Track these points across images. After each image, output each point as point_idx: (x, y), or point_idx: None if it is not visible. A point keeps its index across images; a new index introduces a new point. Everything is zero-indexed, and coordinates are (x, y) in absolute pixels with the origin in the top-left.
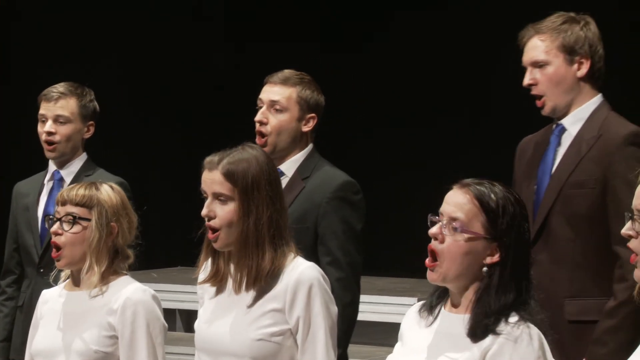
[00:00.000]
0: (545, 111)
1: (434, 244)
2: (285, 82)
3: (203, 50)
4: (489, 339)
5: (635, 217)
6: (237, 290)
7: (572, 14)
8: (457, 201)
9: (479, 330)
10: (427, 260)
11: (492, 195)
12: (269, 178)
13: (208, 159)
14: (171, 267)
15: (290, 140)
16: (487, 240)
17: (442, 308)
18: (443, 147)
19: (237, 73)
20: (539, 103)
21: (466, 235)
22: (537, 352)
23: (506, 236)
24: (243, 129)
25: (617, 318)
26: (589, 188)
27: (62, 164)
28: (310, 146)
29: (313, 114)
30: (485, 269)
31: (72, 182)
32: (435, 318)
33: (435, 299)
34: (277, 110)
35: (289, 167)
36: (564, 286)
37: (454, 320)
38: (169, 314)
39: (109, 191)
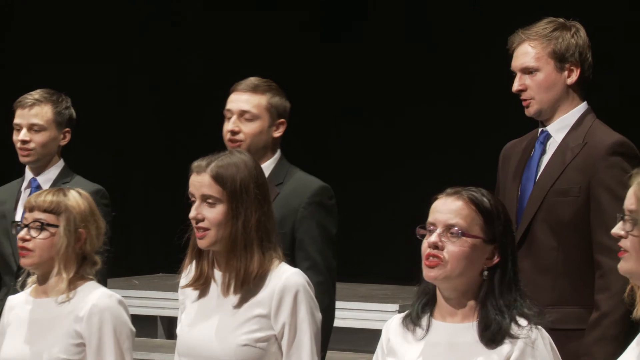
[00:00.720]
0: (530, 112)
1: (435, 251)
2: (254, 90)
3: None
4: (507, 344)
5: (626, 217)
6: (225, 292)
7: (562, 20)
8: (451, 208)
9: (495, 334)
10: (428, 260)
11: (485, 199)
12: (257, 182)
13: (196, 163)
14: (152, 274)
15: (262, 146)
16: (486, 243)
17: (432, 319)
18: (423, 149)
19: (215, 82)
20: (524, 103)
21: (469, 240)
22: (551, 355)
23: (503, 238)
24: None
25: (601, 328)
26: (573, 196)
27: (38, 170)
28: (278, 152)
29: (282, 120)
30: (485, 272)
31: None
32: (427, 330)
33: (420, 310)
34: (247, 119)
35: None
36: (546, 294)
37: (456, 330)
38: (150, 320)
39: (77, 197)
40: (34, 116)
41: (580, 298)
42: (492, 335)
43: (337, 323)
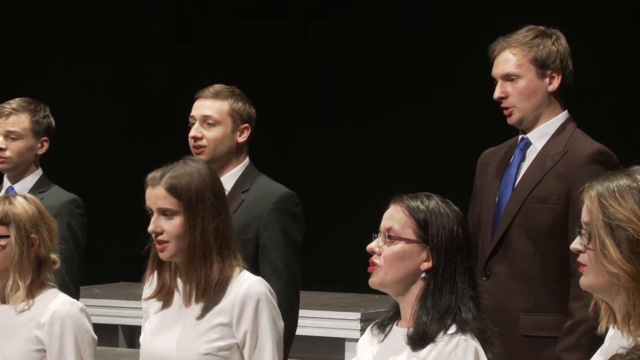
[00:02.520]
0: (512, 120)
1: (374, 257)
2: (216, 96)
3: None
4: (427, 348)
5: (583, 231)
6: (187, 302)
7: (542, 28)
8: (391, 214)
9: (417, 338)
10: (369, 267)
11: (422, 204)
12: (212, 189)
13: (150, 175)
14: (114, 282)
15: (227, 151)
16: (420, 245)
17: (395, 325)
18: (385, 156)
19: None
20: (506, 112)
21: (399, 242)
22: None
23: (437, 240)
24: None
25: (574, 336)
26: (552, 203)
27: (15, 179)
28: (247, 160)
29: (246, 124)
30: (423, 275)
31: None
32: (386, 335)
33: (387, 319)
34: (210, 124)
35: (227, 180)
36: (521, 300)
37: (399, 333)
38: (111, 329)
39: (23, 203)
40: (11, 124)
41: (556, 305)
42: (415, 339)
43: (298, 331)
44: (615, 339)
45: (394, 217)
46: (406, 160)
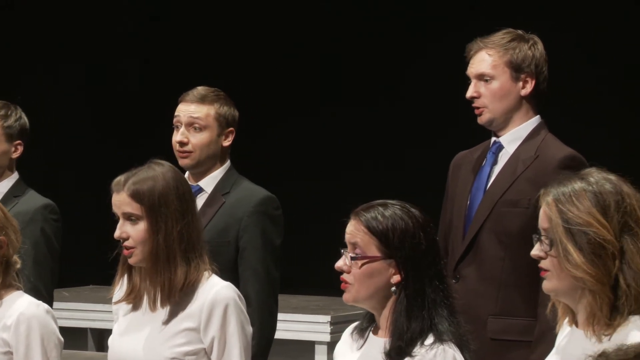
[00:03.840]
0: (482, 120)
1: (343, 275)
2: (202, 100)
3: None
4: None
5: (542, 237)
6: (152, 307)
7: (520, 32)
8: (352, 230)
9: (393, 353)
10: (342, 284)
11: (380, 217)
12: (177, 193)
13: (115, 181)
14: (83, 285)
15: (212, 156)
16: (385, 261)
17: (371, 332)
18: (353, 159)
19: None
20: (477, 111)
21: (364, 261)
22: None
23: (401, 251)
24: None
25: (547, 343)
26: (522, 207)
27: None
28: (228, 162)
29: (231, 129)
30: (393, 288)
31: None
32: (365, 342)
33: (366, 322)
34: (196, 129)
35: (208, 183)
36: (489, 303)
37: (377, 343)
38: (80, 333)
39: None
40: None
41: (525, 309)
42: (392, 354)
43: None
44: (576, 338)
45: (356, 234)
46: (375, 161)
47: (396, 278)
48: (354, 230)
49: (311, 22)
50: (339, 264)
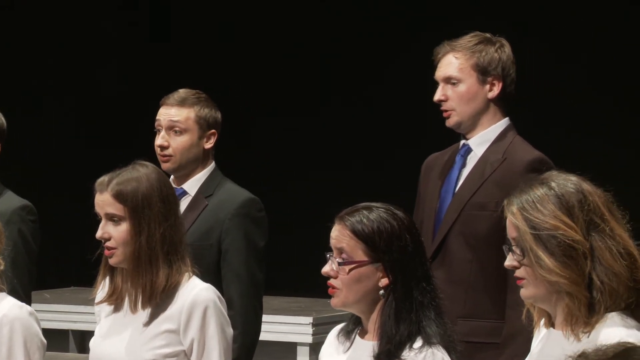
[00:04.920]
0: (450, 123)
1: (330, 280)
2: (182, 103)
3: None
4: None
5: (514, 248)
6: (133, 309)
7: (488, 35)
8: (337, 235)
9: (382, 356)
10: (329, 288)
11: (365, 221)
12: (160, 195)
13: (98, 181)
14: (64, 287)
15: (194, 159)
16: (373, 265)
17: (357, 334)
18: (336, 160)
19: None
20: (445, 114)
21: (352, 266)
22: None
23: (388, 255)
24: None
25: (515, 346)
26: (490, 210)
27: None
28: (212, 164)
29: (213, 130)
30: (381, 292)
31: None
32: (351, 344)
33: (352, 324)
34: (176, 132)
35: (191, 185)
36: (458, 306)
37: (365, 347)
38: (62, 334)
39: None
40: None
41: (492, 312)
42: (380, 355)
43: None
44: (554, 339)
45: (341, 239)
46: (361, 162)
47: (384, 281)
48: (339, 235)
49: (302, 24)
50: (326, 269)
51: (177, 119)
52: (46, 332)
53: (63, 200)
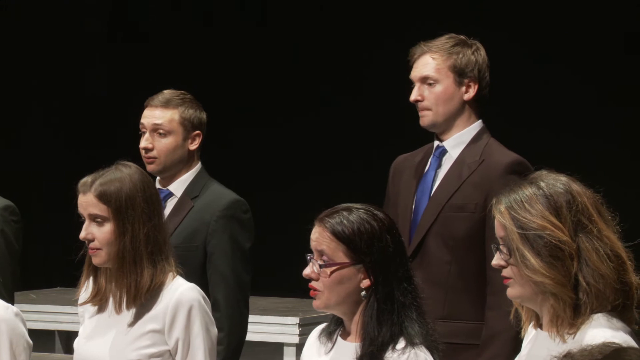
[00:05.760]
0: (423, 122)
1: (312, 283)
2: (166, 104)
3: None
4: None
5: (501, 247)
6: (118, 309)
7: (463, 37)
8: (317, 237)
9: (366, 358)
10: (311, 291)
11: (345, 222)
12: (144, 195)
13: (81, 181)
14: (50, 287)
15: (179, 160)
16: (354, 267)
17: (339, 335)
18: (324, 162)
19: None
20: (421, 113)
21: (333, 268)
22: None
23: (369, 256)
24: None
25: (494, 347)
26: (469, 212)
27: None
28: (198, 165)
29: (198, 132)
30: (363, 293)
31: None
32: (333, 345)
33: (334, 325)
34: (160, 134)
35: (177, 187)
36: (437, 307)
37: (346, 348)
38: (48, 335)
39: None
40: None
41: (472, 313)
42: (362, 357)
43: None
44: (541, 340)
45: (322, 241)
46: (344, 164)
47: (366, 283)
48: (319, 237)
49: (287, 27)
50: (307, 271)
51: (161, 121)
52: (32, 332)
53: (49, 200)
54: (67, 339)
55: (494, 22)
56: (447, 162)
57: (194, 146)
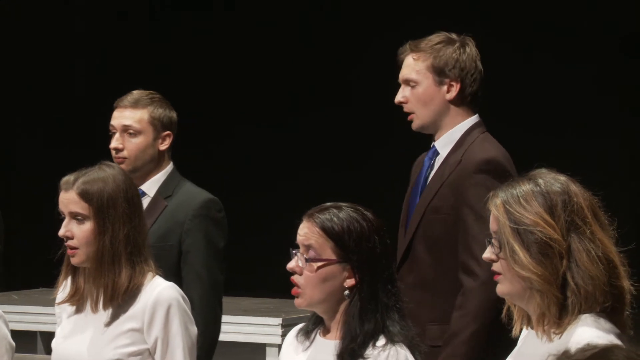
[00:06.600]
0: (414, 126)
1: (294, 277)
2: (135, 104)
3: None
4: None
5: (492, 240)
6: (94, 309)
7: (452, 35)
8: (306, 232)
9: (346, 355)
10: (293, 289)
11: (335, 219)
12: (125, 196)
13: (64, 179)
14: (32, 288)
15: (149, 160)
16: (341, 264)
17: (318, 334)
18: (310, 162)
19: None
20: (409, 117)
21: (320, 264)
22: None
23: (357, 255)
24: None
25: (451, 347)
26: (445, 214)
27: None
28: (170, 165)
29: (168, 132)
30: (346, 292)
31: None
32: (311, 343)
33: (312, 324)
34: (130, 134)
35: (150, 187)
36: (427, 310)
37: (326, 345)
38: (29, 336)
39: None
40: None
41: None
42: (343, 354)
43: (220, 337)
44: (529, 339)
45: (310, 236)
46: (331, 164)
47: (350, 282)
48: (308, 232)
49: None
50: (291, 265)
51: (130, 121)
52: (14, 333)
53: (29, 201)
54: (49, 339)
55: (490, 22)
56: (438, 163)
57: (164, 146)
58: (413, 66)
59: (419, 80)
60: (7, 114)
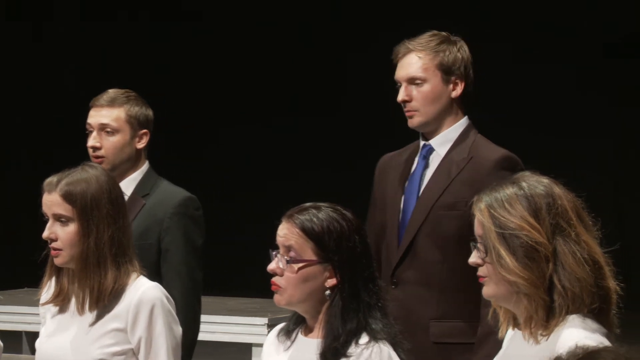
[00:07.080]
0: (412, 123)
1: (275, 279)
2: (111, 103)
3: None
4: None
5: (479, 245)
6: (80, 310)
7: (446, 35)
8: (285, 233)
9: (329, 354)
10: (272, 286)
11: (315, 220)
12: (109, 197)
13: (47, 180)
14: (17, 288)
15: (127, 159)
16: (321, 264)
17: (299, 333)
18: (310, 162)
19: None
20: (408, 114)
21: (300, 265)
22: None
23: (337, 255)
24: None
25: (489, 345)
26: (460, 210)
27: None
28: (146, 164)
29: (145, 130)
30: (327, 292)
31: None
32: (293, 342)
33: (293, 324)
34: (108, 132)
35: (127, 185)
36: (430, 307)
37: (308, 344)
38: (15, 336)
39: None
40: None
41: (465, 312)
42: (324, 355)
43: (206, 337)
44: (515, 341)
45: (290, 237)
46: (315, 169)
47: (332, 282)
48: (287, 233)
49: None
50: (272, 266)
51: (107, 120)
52: None
53: (14, 199)
54: (34, 339)
55: (489, 23)
56: (435, 161)
57: (141, 145)
58: (419, 64)
59: (427, 78)
60: (7, 114)
